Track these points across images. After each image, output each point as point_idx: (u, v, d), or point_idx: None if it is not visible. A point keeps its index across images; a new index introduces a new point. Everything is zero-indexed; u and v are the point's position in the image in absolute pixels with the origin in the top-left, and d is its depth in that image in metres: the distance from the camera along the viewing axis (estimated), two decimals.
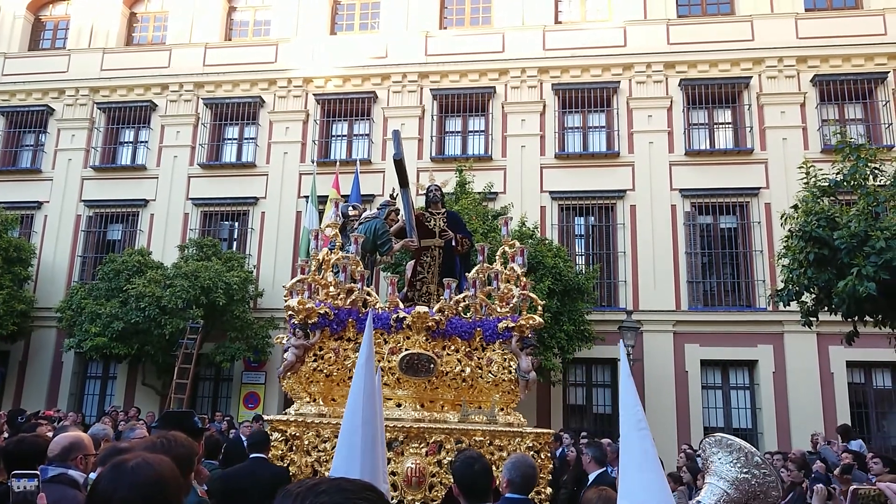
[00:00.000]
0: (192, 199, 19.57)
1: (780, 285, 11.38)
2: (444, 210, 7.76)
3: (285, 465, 5.36)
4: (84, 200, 20.00)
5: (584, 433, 13.06)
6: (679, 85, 18.24)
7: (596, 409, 17.46)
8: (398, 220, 7.53)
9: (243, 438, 10.44)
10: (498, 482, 4.74)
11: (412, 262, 7.60)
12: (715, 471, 2.61)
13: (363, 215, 8.12)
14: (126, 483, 1.92)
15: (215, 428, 13.05)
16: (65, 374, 18.85)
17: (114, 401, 18.21)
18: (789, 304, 11.18)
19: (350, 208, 8.06)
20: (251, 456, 5.79)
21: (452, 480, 3.49)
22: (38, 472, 2.56)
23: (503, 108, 18.89)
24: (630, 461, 2.73)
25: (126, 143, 20.87)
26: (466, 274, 6.41)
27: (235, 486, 5.01)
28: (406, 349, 5.40)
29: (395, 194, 8.00)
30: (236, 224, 19.87)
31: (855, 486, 2.10)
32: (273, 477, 5.36)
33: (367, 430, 2.76)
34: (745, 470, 2.47)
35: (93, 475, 3.98)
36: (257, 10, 21.53)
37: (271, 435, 5.48)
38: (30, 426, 8.84)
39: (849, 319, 10.58)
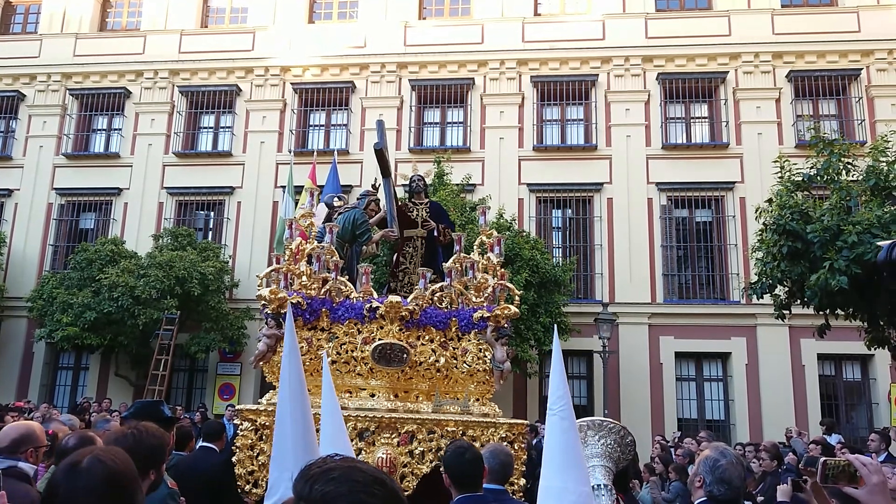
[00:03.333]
0: (166, 188, 19.33)
1: (754, 278, 11.49)
2: (426, 200, 7.73)
3: (254, 454, 5.33)
4: (56, 188, 19.67)
5: None
6: (656, 79, 18.33)
7: (572, 400, 17.52)
8: (379, 211, 7.49)
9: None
10: None
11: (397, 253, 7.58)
12: (594, 453, 2.98)
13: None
14: (82, 485, 1.90)
15: (189, 418, 12.95)
16: (36, 364, 18.57)
17: (86, 392, 17.98)
18: (762, 297, 11.30)
19: (335, 199, 8.00)
20: (200, 445, 5.75)
21: (443, 470, 3.48)
22: None
23: (482, 99, 18.87)
24: (553, 454, 2.88)
25: (99, 130, 20.54)
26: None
27: (175, 475, 4.99)
28: (379, 339, 5.37)
29: (376, 184, 7.95)
30: (212, 214, 19.67)
31: (824, 459, 2.11)
32: (211, 468, 5.35)
33: (298, 426, 2.78)
34: (617, 448, 3.00)
35: (41, 468, 3.89)
36: None
37: (241, 424, 5.44)
38: None
39: (820, 312, 10.72)
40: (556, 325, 4.03)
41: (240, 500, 5.36)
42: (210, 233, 19.53)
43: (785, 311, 11.38)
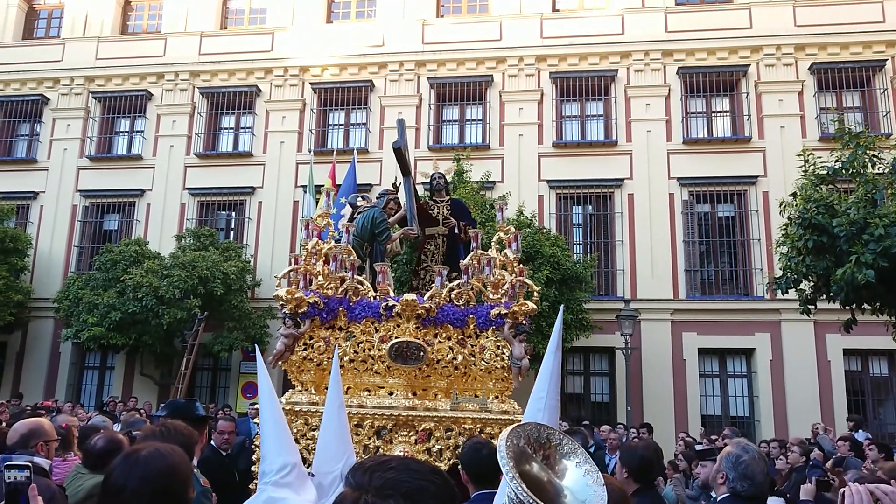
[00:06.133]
0: (188, 188, 19.50)
1: (779, 273, 11.35)
2: (448, 198, 7.72)
3: None
4: (80, 190, 19.93)
5: (585, 421, 13.08)
6: (677, 73, 18.15)
7: (594, 397, 17.47)
8: (399, 209, 7.48)
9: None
10: None
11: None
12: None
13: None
14: (137, 474, 1.99)
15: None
16: (62, 364, 18.84)
17: (112, 391, 18.21)
18: (787, 292, 11.16)
19: (359, 199, 8.02)
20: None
21: (460, 467, 3.48)
22: (29, 464, 2.56)
23: (501, 96, 18.81)
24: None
25: (122, 132, 20.78)
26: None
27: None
28: (396, 337, 5.37)
29: (397, 183, 7.96)
30: (233, 214, 19.82)
31: (843, 491, 2.05)
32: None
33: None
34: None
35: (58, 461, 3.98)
36: None
37: None
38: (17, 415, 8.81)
39: (847, 307, 10.56)
40: (562, 307, 3.70)
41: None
42: (232, 233, 19.68)
43: (810, 307, 11.22)
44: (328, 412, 3.58)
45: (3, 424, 6.29)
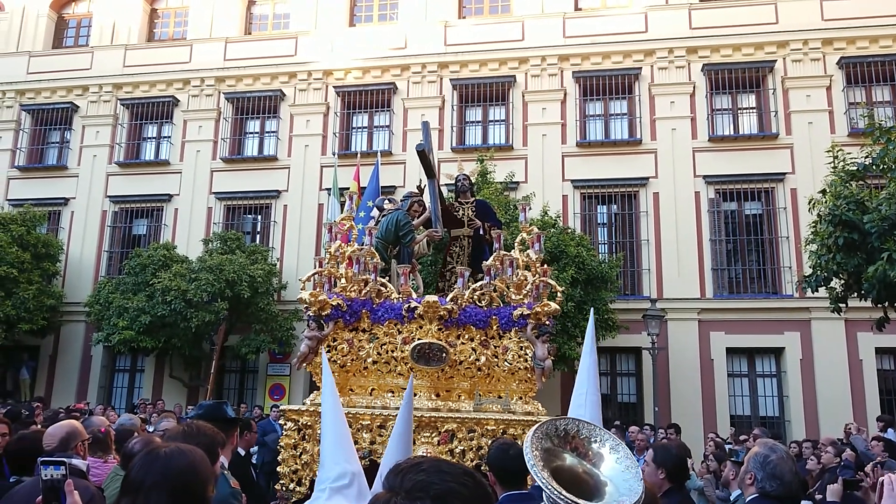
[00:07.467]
0: (215, 193, 19.71)
1: (808, 271, 11.21)
2: (472, 199, 7.73)
3: (298, 453, 5.39)
4: (109, 196, 20.23)
5: (616, 422, 13.00)
6: (702, 70, 17.96)
7: (620, 397, 17.34)
8: (422, 211, 7.50)
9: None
10: None
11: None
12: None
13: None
14: (157, 470, 2.02)
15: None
16: (94, 367, 19.15)
17: (142, 393, 18.46)
18: (817, 291, 11.00)
19: (386, 202, 8.06)
20: None
21: (487, 469, 3.48)
22: (65, 461, 2.61)
23: (524, 96, 18.76)
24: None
25: (149, 138, 21.06)
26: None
27: None
28: (419, 339, 5.38)
29: (422, 185, 7.98)
30: (259, 217, 20.00)
31: None
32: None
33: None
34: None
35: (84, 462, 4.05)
36: (276, 4, 21.58)
37: (285, 424, 5.52)
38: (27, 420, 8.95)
39: (879, 305, 10.38)
40: (592, 309, 3.85)
41: None
42: (258, 236, 19.85)
43: (841, 305, 11.05)
44: (396, 429, 3.52)
45: (38, 426, 6.41)
